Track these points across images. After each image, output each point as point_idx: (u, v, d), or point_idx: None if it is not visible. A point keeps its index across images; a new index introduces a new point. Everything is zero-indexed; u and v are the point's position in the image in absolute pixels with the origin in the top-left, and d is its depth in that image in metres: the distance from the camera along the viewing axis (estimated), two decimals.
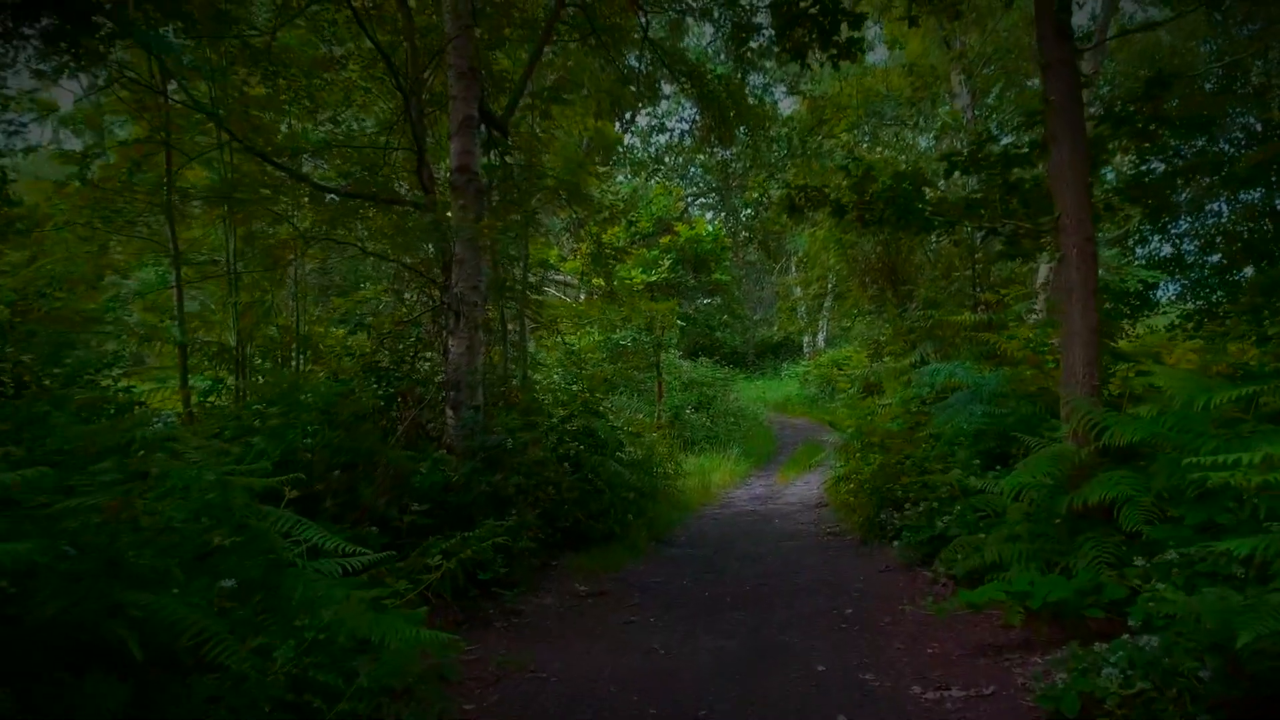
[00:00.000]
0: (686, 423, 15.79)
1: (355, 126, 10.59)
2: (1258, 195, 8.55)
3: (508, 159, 9.16)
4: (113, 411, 5.44)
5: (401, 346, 8.40)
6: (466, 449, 7.24)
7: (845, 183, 7.61)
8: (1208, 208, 9.10)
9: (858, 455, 9.62)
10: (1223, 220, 9.00)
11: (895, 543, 7.44)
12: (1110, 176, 10.02)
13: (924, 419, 8.23)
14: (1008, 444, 6.87)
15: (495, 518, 6.12)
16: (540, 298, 11.29)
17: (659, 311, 11.38)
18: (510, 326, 9.85)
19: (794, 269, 31.07)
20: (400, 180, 9.87)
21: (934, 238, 11.47)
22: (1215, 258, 8.76)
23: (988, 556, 5.30)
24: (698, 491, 12.12)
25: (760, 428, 19.67)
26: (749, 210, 20.14)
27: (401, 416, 7.75)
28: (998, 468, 6.74)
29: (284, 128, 9.30)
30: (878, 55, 18.18)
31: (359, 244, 9.45)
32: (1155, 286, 8.96)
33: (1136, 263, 10.65)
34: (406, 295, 9.37)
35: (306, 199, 8.90)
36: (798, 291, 27.53)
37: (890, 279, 11.31)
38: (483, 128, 8.37)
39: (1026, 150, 6.76)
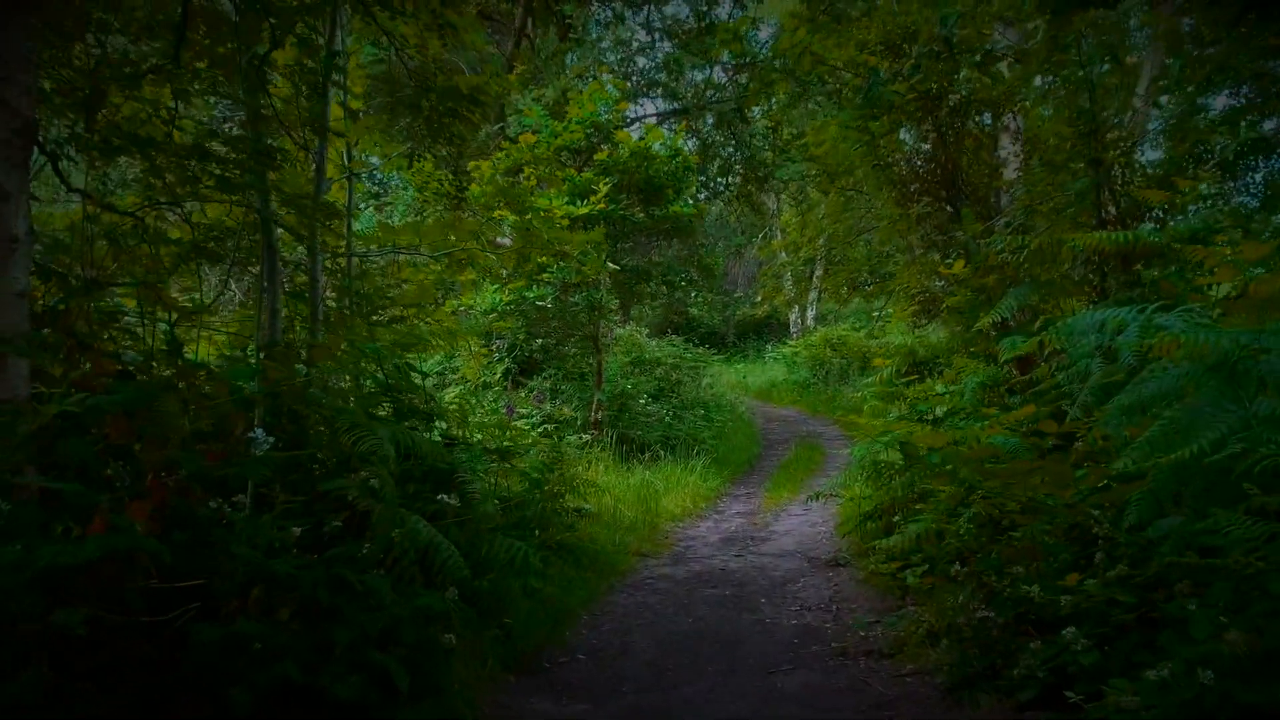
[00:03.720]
0: (636, 418, 11.33)
1: None
2: None
3: None
4: None
5: None
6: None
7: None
8: None
9: (913, 488, 5.27)
10: None
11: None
12: None
13: (1079, 428, 3.86)
14: None
15: None
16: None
17: (574, 247, 6.88)
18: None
19: (779, 233, 26.70)
20: None
21: (1012, 119, 7.07)
22: None
23: None
24: (637, 530, 7.69)
25: (739, 422, 15.24)
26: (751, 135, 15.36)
27: None
28: None
29: None
30: None
31: None
32: None
33: None
34: None
35: None
36: (783, 256, 23.13)
37: (949, 189, 6.92)
38: None
39: None
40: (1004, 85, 6.49)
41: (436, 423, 5.15)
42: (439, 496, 4.28)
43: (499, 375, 11.08)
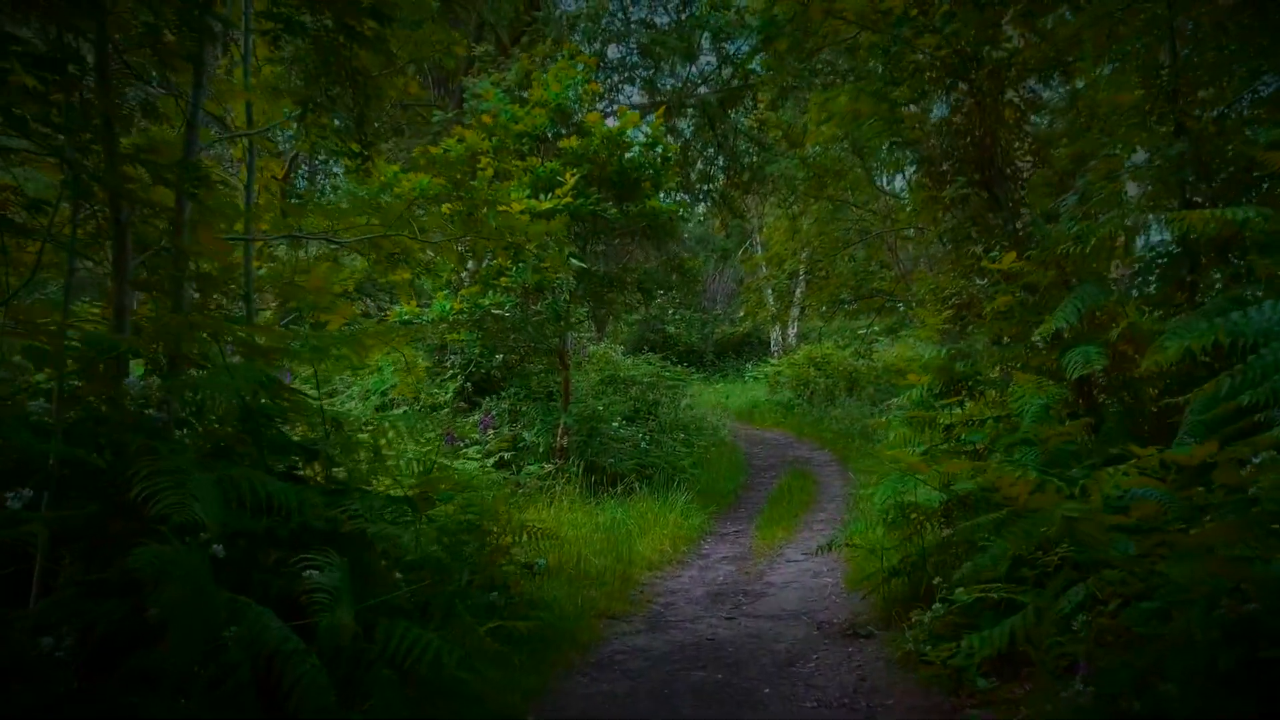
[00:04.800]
0: (607, 444, 9.94)
1: None
2: None
3: None
4: None
5: None
6: None
7: None
8: None
9: (955, 541, 3.95)
10: None
11: None
12: None
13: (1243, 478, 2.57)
14: None
15: None
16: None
17: (530, 237, 5.54)
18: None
19: (759, 246, 25.60)
20: None
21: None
22: None
23: None
24: (605, 583, 6.29)
25: (722, 447, 13.90)
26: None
27: None
28: None
29: None
30: None
31: None
32: None
33: None
34: None
35: None
36: (764, 270, 21.95)
37: (986, 169, 5.64)
38: None
39: None
40: (1068, 30, 5.24)
41: (336, 459, 3.75)
42: (306, 573, 2.89)
43: (450, 395, 9.70)
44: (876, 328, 22.84)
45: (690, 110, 13.87)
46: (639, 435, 11.15)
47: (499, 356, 10.54)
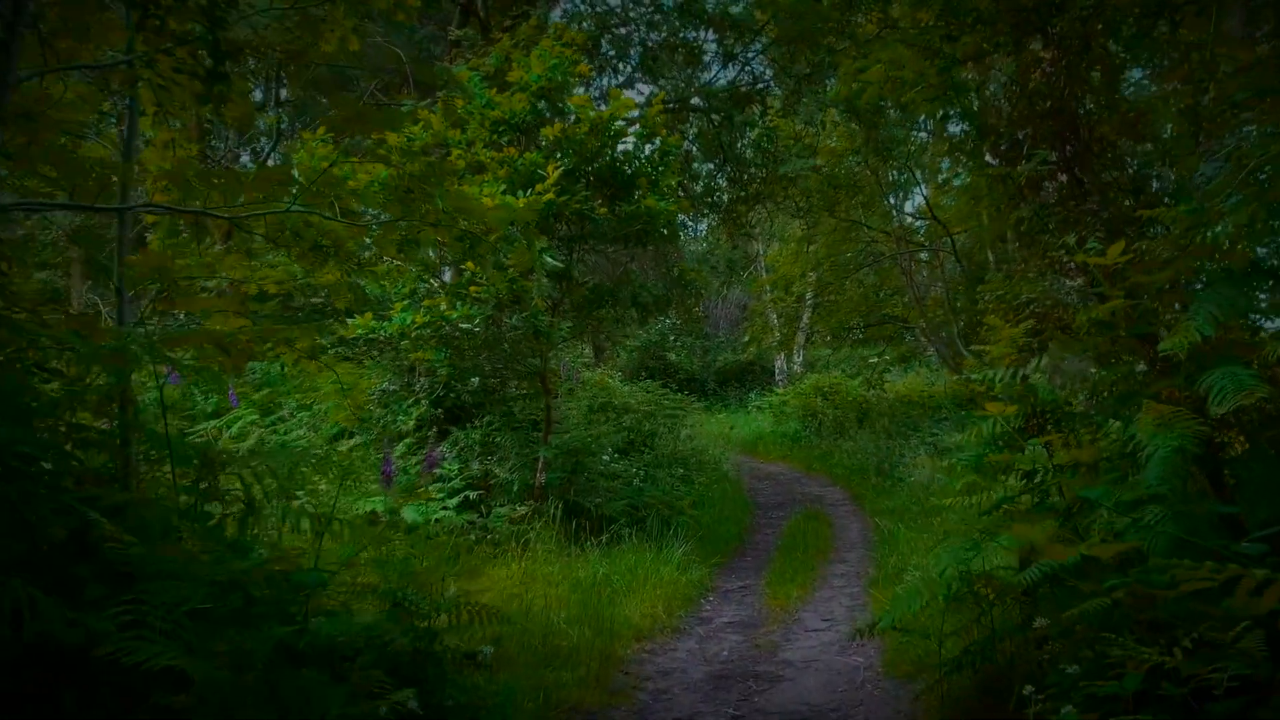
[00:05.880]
0: (594, 481, 8.63)
1: None
2: None
3: None
4: None
5: None
6: None
7: None
8: None
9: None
10: None
11: None
12: None
13: None
14: None
15: None
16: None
17: (491, 220, 4.29)
18: None
19: (764, 268, 24.50)
20: None
21: None
22: None
23: None
24: (579, 662, 4.97)
25: (725, 483, 12.59)
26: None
27: None
28: None
29: None
30: None
31: None
32: None
33: None
34: None
35: None
36: (769, 292, 20.74)
37: (1070, 141, 4.37)
38: None
39: None
40: None
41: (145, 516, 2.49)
42: None
43: (411, 424, 8.42)
44: (888, 356, 21.61)
45: (693, 115, 12.72)
46: (633, 470, 9.84)
47: (475, 380, 9.29)
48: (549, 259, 5.33)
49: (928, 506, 9.85)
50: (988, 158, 4.99)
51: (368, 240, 5.04)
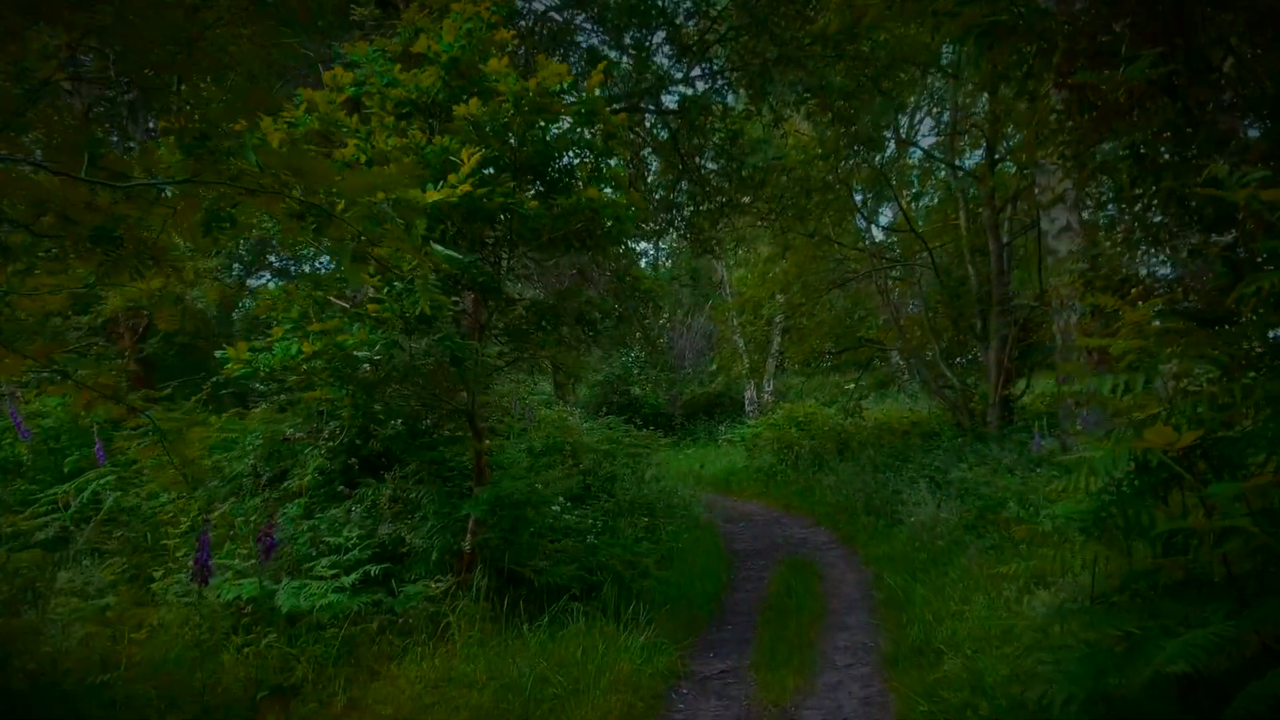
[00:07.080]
0: (537, 542, 7.03)
1: None
2: None
3: None
4: None
5: None
6: None
7: None
8: None
9: None
10: None
11: None
12: None
13: None
14: None
15: None
16: None
17: (351, 192, 2.72)
18: None
19: (730, 292, 23.24)
20: None
21: None
22: None
23: None
24: None
25: (697, 530, 11.04)
26: None
27: None
28: None
29: None
30: None
31: None
32: None
33: None
34: None
35: None
36: (737, 317, 19.40)
37: (1187, 34, 3.09)
38: None
39: None
40: None
41: None
42: None
43: (308, 478, 6.79)
44: (864, 382, 20.31)
45: (649, 117, 11.34)
46: (588, 522, 8.24)
47: (397, 421, 7.69)
48: (441, 250, 3.81)
49: (935, 551, 8.40)
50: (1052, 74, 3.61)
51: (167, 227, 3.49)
